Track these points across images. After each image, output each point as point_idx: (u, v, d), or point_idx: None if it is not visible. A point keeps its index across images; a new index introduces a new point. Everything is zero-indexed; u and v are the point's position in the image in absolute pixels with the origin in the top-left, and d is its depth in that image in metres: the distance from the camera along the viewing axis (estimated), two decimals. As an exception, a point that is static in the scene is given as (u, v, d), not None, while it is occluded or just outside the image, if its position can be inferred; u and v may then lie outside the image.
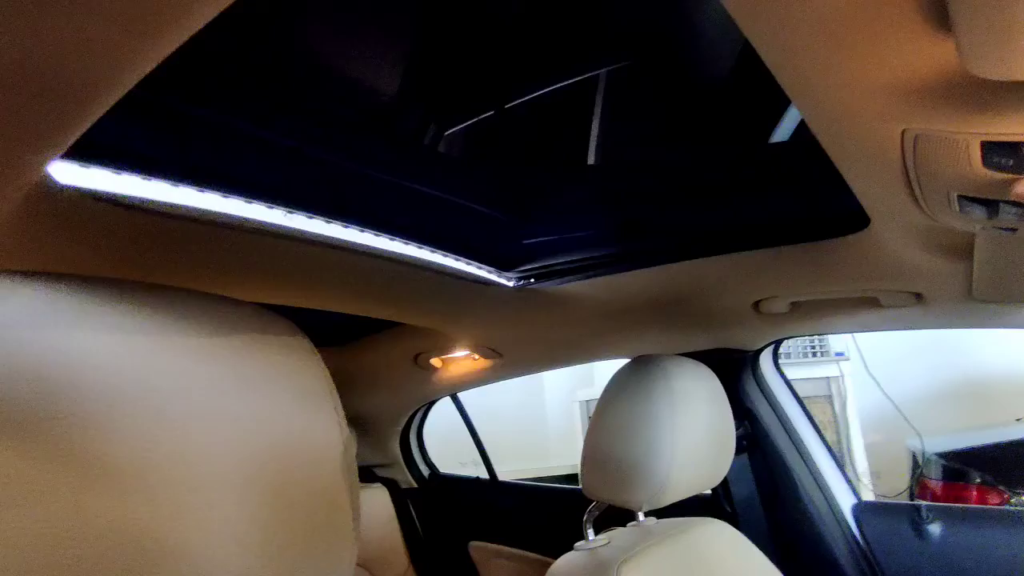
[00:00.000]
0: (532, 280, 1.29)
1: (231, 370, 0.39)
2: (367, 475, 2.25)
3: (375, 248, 0.97)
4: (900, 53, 0.37)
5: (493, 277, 1.25)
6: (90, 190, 0.60)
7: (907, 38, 0.35)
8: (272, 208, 0.81)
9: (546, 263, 1.36)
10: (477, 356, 1.64)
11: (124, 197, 0.64)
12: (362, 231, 0.93)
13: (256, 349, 0.41)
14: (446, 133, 1.08)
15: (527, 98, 1.02)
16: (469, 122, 1.04)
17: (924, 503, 1.35)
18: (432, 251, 1.05)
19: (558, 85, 0.99)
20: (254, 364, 0.41)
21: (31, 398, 0.31)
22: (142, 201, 0.66)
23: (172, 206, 0.67)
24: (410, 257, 1.02)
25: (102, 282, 0.38)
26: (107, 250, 0.67)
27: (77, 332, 0.34)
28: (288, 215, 0.86)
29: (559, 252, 1.36)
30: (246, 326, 0.42)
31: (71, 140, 0.45)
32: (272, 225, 0.83)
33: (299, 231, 0.86)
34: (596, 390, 3.55)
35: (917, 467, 2.74)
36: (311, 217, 0.87)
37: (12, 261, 0.61)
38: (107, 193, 0.62)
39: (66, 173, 0.57)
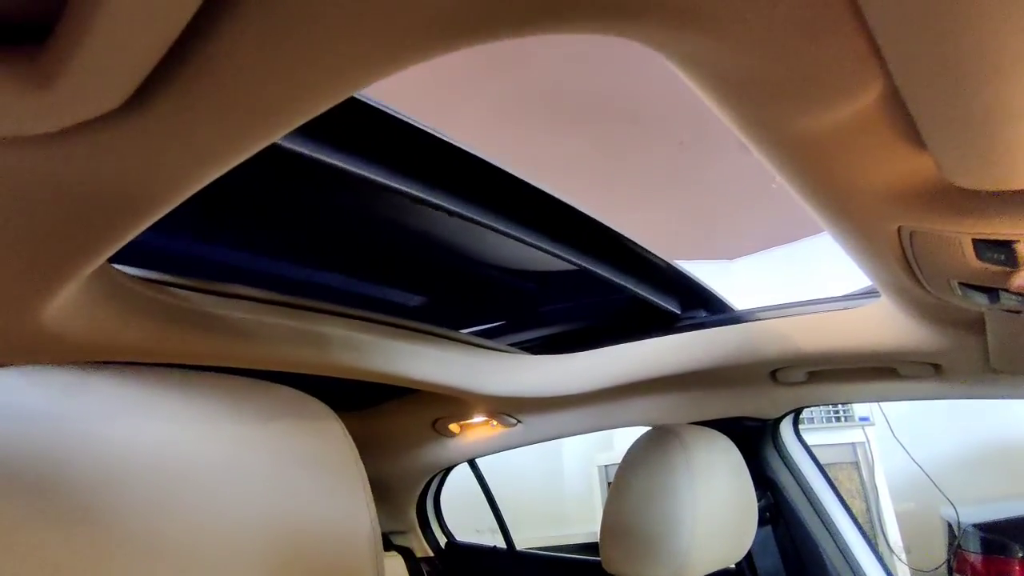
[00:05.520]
0: (549, 347, 1.32)
1: (266, 454, 0.42)
2: (382, 542, 2.21)
3: (392, 320, 1.00)
4: (886, 165, 0.40)
5: (510, 344, 1.27)
6: (141, 276, 0.65)
7: (890, 155, 0.39)
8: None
9: (562, 329, 1.38)
10: (495, 423, 1.64)
11: (162, 280, 0.69)
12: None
13: (291, 433, 0.44)
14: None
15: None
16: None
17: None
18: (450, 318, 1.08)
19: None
20: (288, 448, 0.43)
21: (88, 483, 0.34)
22: (180, 283, 0.71)
23: (215, 288, 0.71)
24: (428, 325, 1.06)
25: (146, 369, 0.42)
26: (151, 330, 0.71)
27: (124, 419, 0.37)
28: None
29: (574, 319, 1.39)
30: (282, 410, 0.45)
31: (123, 243, 0.48)
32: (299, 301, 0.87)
33: (323, 305, 0.91)
34: (616, 454, 3.49)
35: (953, 538, 2.62)
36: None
37: (69, 353, 0.64)
38: (152, 278, 0.67)
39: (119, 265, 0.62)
